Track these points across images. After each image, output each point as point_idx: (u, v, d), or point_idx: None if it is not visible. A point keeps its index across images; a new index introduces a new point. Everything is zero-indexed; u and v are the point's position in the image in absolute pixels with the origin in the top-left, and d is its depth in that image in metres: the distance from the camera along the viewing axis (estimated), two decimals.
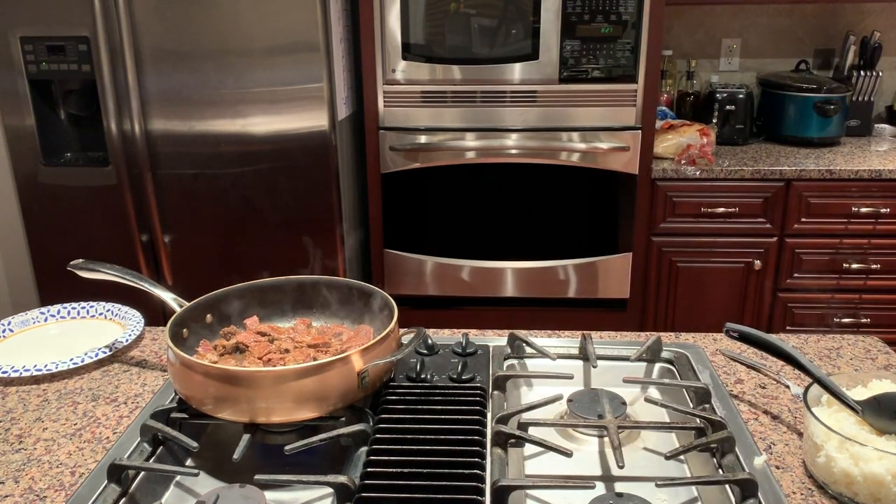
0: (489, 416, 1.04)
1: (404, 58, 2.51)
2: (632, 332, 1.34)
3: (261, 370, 0.98)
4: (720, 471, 0.94)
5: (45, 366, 1.21)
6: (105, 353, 1.26)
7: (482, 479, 0.89)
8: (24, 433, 1.07)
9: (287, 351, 1.10)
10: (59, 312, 1.43)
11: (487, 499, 0.87)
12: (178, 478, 0.98)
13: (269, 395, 0.95)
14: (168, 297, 1.20)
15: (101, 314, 1.43)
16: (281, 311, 1.23)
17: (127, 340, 1.30)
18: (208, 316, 1.16)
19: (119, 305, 1.44)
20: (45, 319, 1.41)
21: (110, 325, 1.40)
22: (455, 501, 0.85)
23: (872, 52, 2.92)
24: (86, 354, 1.25)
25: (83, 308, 1.44)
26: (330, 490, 0.88)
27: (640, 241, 2.64)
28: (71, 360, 1.23)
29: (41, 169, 2.40)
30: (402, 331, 1.17)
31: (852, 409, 0.94)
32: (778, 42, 3.06)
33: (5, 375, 1.20)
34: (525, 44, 2.47)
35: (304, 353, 1.10)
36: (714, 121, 2.84)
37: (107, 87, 2.26)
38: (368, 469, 0.90)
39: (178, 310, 1.14)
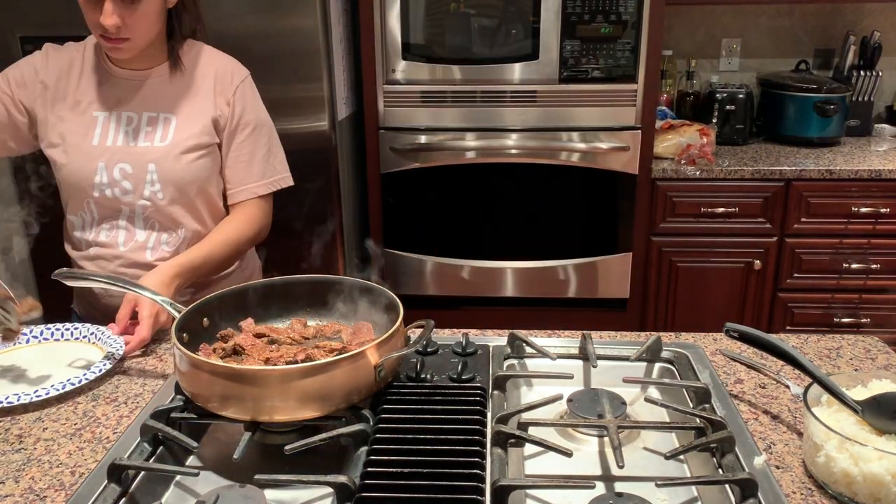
0: (489, 415, 1.04)
1: (404, 58, 2.51)
2: (632, 332, 1.34)
3: (285, 368, 0.98)
4: (720, 471, 0.94)
5: (28, 394, 1.13)
6: (86, 380, 1.17)
7: (482, 479, 0.89)
8: (24, 433, 1.07)
9: (292, 350, 1.10)
10: (41, 334, 1.34)
11: (487, 499, 0.87)
12: (178, 478, 0.98)
13: (279, 393, 0.95)
14: (157, 298, 1.20)
15: (84, 337, 1.34)
16: (275, 311, 1.23)
17: (100, 371, 1.20)
18: (205, 320, 1.16)
19: (102, 328, 1.33)
20: (27, 341, 1.32)
21: (92, 348, 1.31)
22: (455, 501, 0.85)
23: (872, 52, 2.92)
24: (67, 381, 1.16)
25: (66, 330, 1.35)
26: (330, 490, 0.88)
27: (640, 240, 2.64)
28: (52, 385, 1.14)
29: (41, 169, 2.39)
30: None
31: (852, 409, 0.94)
32: (778, 42, 3.06)
33: None
34: (525, 44, 2.47)
35: (310, 351, 1.09)
36: (714, 121, 2.84)
37: None
38: (368, 469, 0.90)
39: (169, 310, 1.15)
